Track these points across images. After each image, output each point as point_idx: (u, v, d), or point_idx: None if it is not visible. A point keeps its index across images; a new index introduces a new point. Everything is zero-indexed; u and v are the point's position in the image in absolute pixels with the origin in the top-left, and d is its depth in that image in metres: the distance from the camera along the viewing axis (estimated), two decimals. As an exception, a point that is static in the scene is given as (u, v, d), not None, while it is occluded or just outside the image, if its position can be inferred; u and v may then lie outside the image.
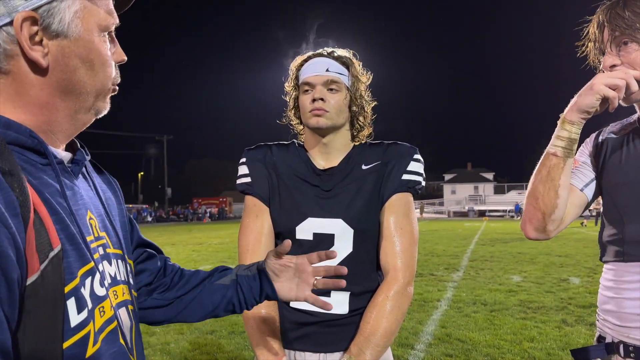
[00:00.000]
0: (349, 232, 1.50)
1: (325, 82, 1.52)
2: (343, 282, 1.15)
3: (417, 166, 1.56)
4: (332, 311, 1.48)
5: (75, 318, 0.72)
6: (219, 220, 54.63)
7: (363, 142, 1.63)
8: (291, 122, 1.69)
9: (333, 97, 1.52)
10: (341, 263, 1.49)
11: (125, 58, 0.90)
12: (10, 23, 0.73)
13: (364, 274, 1.52)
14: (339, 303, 1.49)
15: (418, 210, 52.55)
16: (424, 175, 1.59)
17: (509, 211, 49.43)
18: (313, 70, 1.54)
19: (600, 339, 1.42)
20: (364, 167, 1.56)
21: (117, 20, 0.86)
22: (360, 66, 1.61)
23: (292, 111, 1.66)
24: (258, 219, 1.56)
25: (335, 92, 1.53)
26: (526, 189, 1.51)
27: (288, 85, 1.66)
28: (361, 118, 1.59)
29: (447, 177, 78.18)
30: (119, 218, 0.98)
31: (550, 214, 1.40)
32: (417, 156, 1.58)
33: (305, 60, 1.59)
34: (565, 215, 1.44)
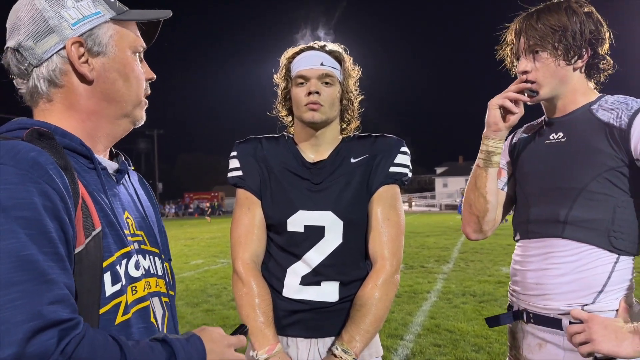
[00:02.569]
0: (339, 223, 1.55)
1: (320, 76, 1.55)
2: None
3: (403, 158, 1.61)
4: (323, 299, 1.55)
5: (109, 289, 0.89)
6: (211, 215, 54.41)
7: (351, 134, 1.67)
8: (280, 114, 1.71)
9: (327, 90, 1.55)
10: (331, 254, 1.55)
11: (154, 76, 1.10)
12: (63, 48, 0.95)
13: (353, 263, 1.58)
14: (329, 292, 1.55)
15: (407, 203, 52.98)
16: (410, 166, 1.64)
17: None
18: (307, 63, 1.56)
19: (510, 307, 1.62)
20: (352, 160, 1.60)
21: (144, 44, 1.07)
22: (351, 61, 1.65)
23: (282, 103, 1.68)
24: (250, 212, 1.60)
25: (330, 86, 1.56)
26: None
27: (278, 77, 1.67)
28: (350, 112, 1.64)
29: (439, 170, 78.52)
30: (157, 224, 1.16)
31: (484, 217, 1.62)
32: (404, 148, 1.62)
33: (297, 53, 1.61)
34: (497, 215, 1.65)
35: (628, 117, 1.36)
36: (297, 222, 1.56)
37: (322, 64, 1.56)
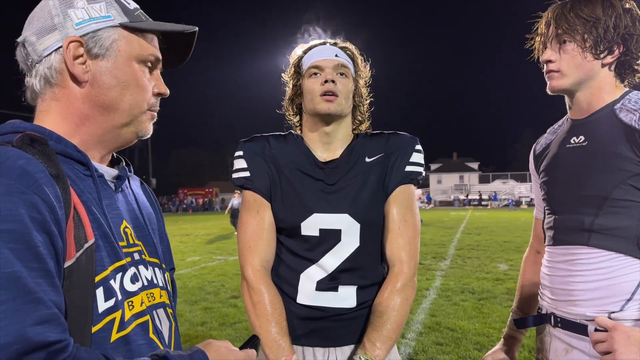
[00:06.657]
0: (356, 226, 1.49)
1: (336, 66, 1.51)
2: None
3: (418, 157, 1.57)
4: (340, 305, 1.48)
5: (102, 305, 0.84)
6: (205, 211, 54.31)
7: (363, 132, 1.63)
8: (287, 113, 1.65)
9: (342, 81, 1.51)
10: (349, 257, 1.49)
11: (167, 92, 1.02)
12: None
13: (370, 267, 1.52)
14: (347, 297, 1.48)
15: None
16: (424, 165, 1.60)
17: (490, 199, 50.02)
18: (322, 55, 1.53)
19: (539, 310, 1.61)
20: (367, 159, 1.55)
21: (158, 55, 1.00)
22: (362, 61, 1.62)
23: (291, 99, 1.62)
24: (259, 215, 1.52)
25: (344, 77, 1.52)
26: (510, 178, 1.66)
27: (287, 74, 1.62)
28: (361, 111, 1.61)
29: (433, 167, 78.61)
30: (158, 233, 1.12)
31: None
32: (418, 147, 1.59)
33: (310, 48, 1.58)
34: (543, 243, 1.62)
35: None
36: (312, 225, 1.48)
37: (336, 56, 1.53)
